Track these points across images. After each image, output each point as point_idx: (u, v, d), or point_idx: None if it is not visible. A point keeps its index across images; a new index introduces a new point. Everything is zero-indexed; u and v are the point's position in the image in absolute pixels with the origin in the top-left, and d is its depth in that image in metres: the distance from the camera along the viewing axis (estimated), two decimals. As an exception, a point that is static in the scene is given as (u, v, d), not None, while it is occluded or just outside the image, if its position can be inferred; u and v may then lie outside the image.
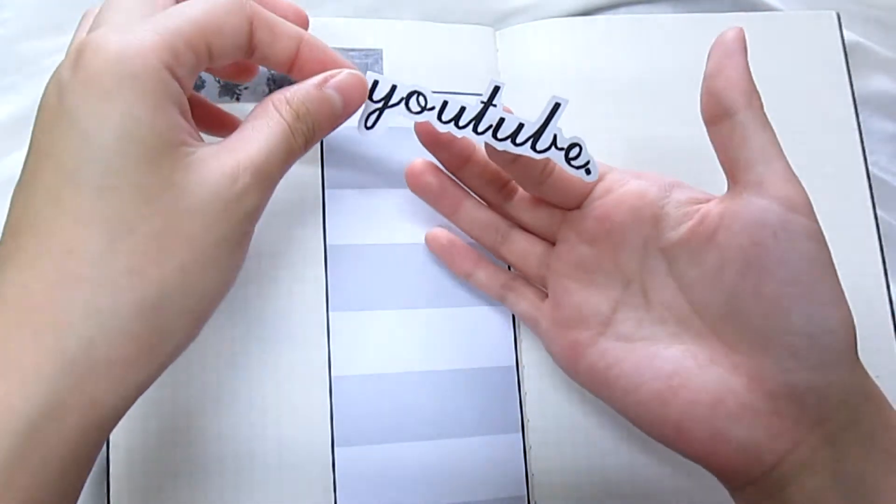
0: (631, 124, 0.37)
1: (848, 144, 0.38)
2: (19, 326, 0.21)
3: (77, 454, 0.21)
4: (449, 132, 0.29)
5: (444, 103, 0.29)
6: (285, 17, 0.27)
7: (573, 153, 0.29)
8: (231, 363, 0.32)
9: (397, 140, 0.35)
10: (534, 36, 0.38)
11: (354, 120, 0.29)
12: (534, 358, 0.35)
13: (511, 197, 0.33)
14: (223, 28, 0.24)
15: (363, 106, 0.29)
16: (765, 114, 0.27)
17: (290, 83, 0.27)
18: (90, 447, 0.22)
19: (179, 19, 0.23)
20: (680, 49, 0.39)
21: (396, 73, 0.37)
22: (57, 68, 0.23)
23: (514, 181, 0.32)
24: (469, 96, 0.37)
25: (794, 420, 0.26)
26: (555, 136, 0.29)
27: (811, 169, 0.38)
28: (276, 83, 0.36)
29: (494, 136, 0.29)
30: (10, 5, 0.37)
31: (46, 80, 0.23)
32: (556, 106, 0.28)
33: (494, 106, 0.29)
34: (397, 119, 0.29)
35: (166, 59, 0.23)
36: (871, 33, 0.43)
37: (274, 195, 0.34)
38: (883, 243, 0.37)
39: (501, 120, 0.28)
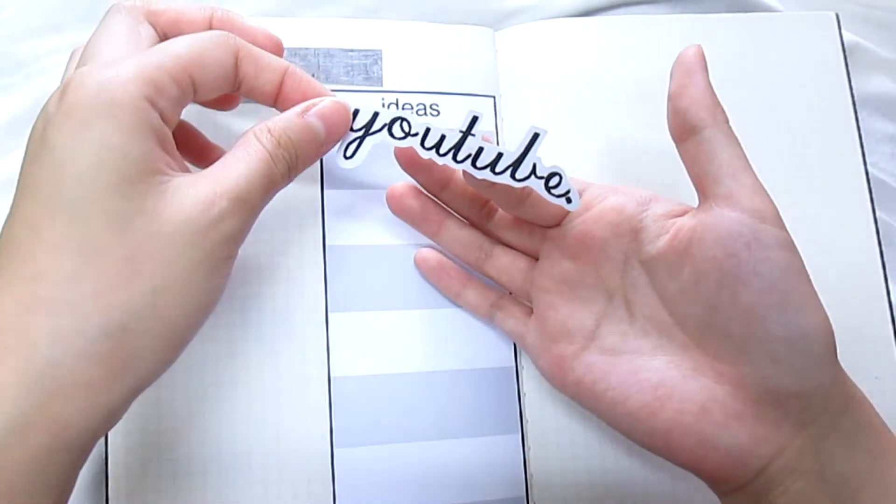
0: (630, 125, 0.37)
1: (847, 145, 0.38)
2: None
3: (45, 473, 0.22)
4: (430, 158, 0.29)
5: (427, 130, 0.29)
6: (262, 47, 0.28)
7: (553, 182, 0.29)
8: (230, 364, 0.32)
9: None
10: (533, 37, 0.38)
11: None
12: (533, 358, 0.35)
13: (492, 216, 0.33)
14: (207, 62, 0.25)
15: None
16: (730, 128, 0.27)
17: None
18: (59, 466, 0.22)
19: (163, 54, 0.24)
20: (679, 50, 0.38)
21: (396, 74, 0.37)
22: (46, 103, 0.24)
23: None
24: (466, 97, 0.37)
25: (777, 425, 0.27)
26: (534, 166, 0.29)
27: (811, 169, 0.38)
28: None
29: (474, 164, 0.29)
30: (9, 5, 0.37)
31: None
32: (535, 136, 0.28)
33: (473, 135, 0.29)
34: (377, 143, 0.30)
35: (146, 91, 0.23)
36: (871, 33, 0.43)
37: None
38: (882, 243, 0.37)
39: (481, 149, 0.29)
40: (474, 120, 0.29)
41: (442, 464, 0.33)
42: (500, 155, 0.29)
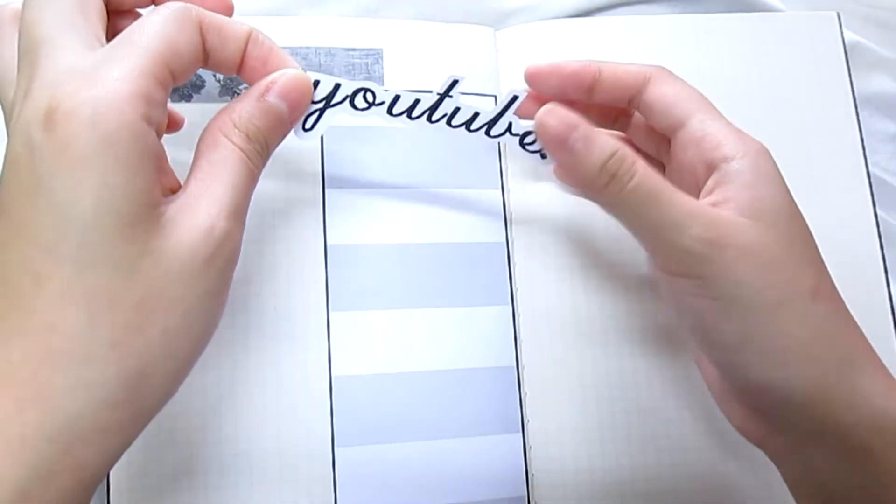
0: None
1: (849, 144, 0.38)
2: (2, 400, 0.21)
3: None
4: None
5: (396, 97, 0.29)
6: (213, 9, 0.26)
7: (528, 139, 0.30)
8: (231, 363, 0.32)
9: (397, 140, 0.36)
10: (534, 36, 0.38)
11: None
12: (534, 358, 0.35)
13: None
14: (181, 49, 0.24)
15: None
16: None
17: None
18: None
19: (141, 55, 0.23)
20: (679, 50, 0.39)
21: (397, 73, 0.37)
22: (24, 123, 0.22)
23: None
24: (467, 96, 0.37)
25: (758, 417, 0.27)
26: (510, 124, 0.30)
27: (812, 168, 0.38)
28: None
29: (449, 123, 0.30)
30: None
31: None
32: (514, 98, 0.30)
33: (451, 97, 0.29)
34: (338, 118, 0.29)
35: (142, 110, 0.22)
36: (871, 33, 0.43)
37: (274, 195, 0.34)
38: (883, 243, 0.37)
39: (457, 109, 0.30)
40: (454, 83, 0.29)
41: (443, 463, 0.33)
42: (476, 114, 0.30)
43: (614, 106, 0.33)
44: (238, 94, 0.35)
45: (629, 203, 0.27)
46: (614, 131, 0.34)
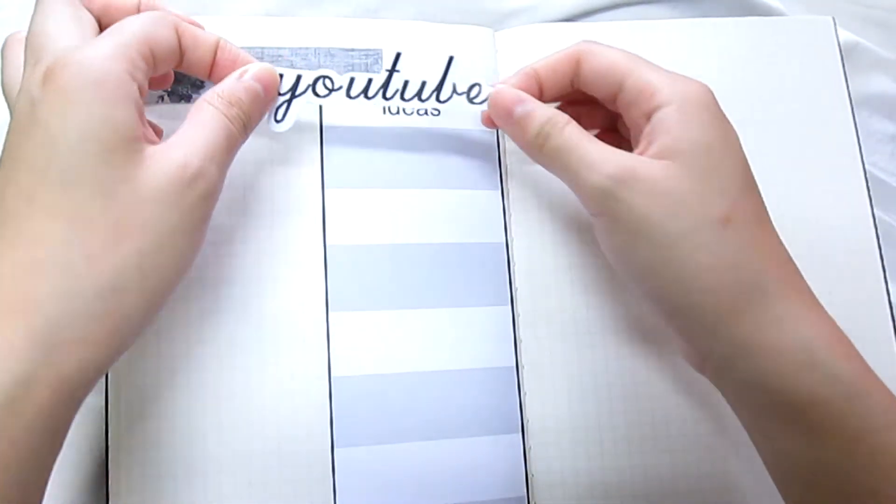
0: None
1: (846, 146, 0.39)
2: None
3: (48, 426, 0.23)
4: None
5: (352, 80, 0.32)
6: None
7: (474, 93, 0.33)
8: (230, 364, 0.32)
9: (397, 140, 0.36)
10: (533, 38, 0.38)
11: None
12: (533, 359, 0.35)
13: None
14: (160, 38, 0.28)
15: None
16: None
17: None
18: (58, 421, 0.24)
19: (126, 34, 0.27)
20: (677, 54, 0.39)
21: (396, 73, 0.37)
22: (26, 88, 0.25)
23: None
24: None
25: (689, 345, 0.29)
26: (454, 85, 0.33)
27: (810, 171, 0.38)
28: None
29: (402, 97, 0.33)
30: (10, 4, 0.37)
31: None
32: (451, 59, 0.33)
33: (398, 71, 0.32)
34: (306, 107, 0.32)
35: (126, 66, 0.26)
36: (871, 33, 0.43)
37: (274, 195, 0.34)
38: (881, 244, 0.37)
39: (406, 82, 0.33)
40: (398, 56, 0.33)
41: (442, 464, 0.33)
42: (423, 83, 0.33)
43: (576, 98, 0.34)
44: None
45: (558, 156, 0.30)
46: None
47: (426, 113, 0.36)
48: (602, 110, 0.34)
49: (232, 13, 0.37)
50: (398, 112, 0.36)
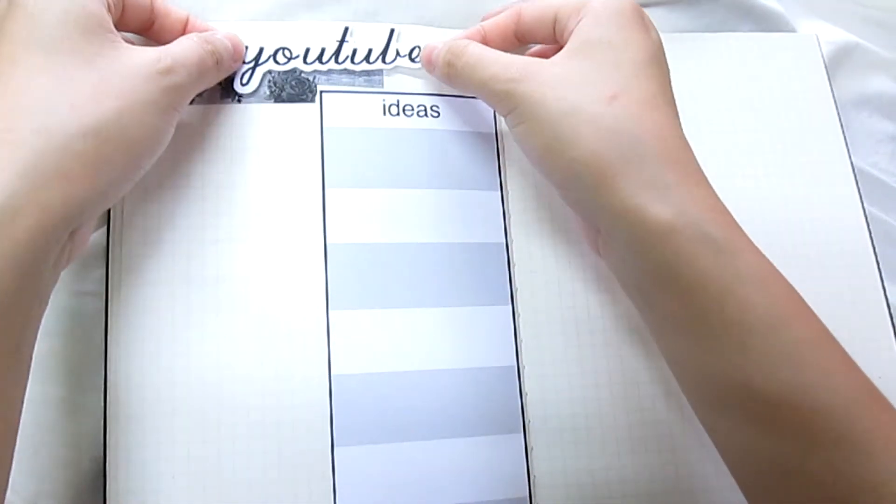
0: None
1: (836, 158, 0.39)
2: None
3: (29, 255, 0.25)
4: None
5: (307, 49, 0.37)
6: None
7: (414, 53, 0.38)
8: (230, 362, 0.32)
9: (398, 138, 0.36)
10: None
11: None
12: (534, 358, 0.35)
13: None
14: None
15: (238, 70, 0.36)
16: None
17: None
18: (41, 252, 0.26)
19: None
20: (675, 65, 0.40)
21: (397, 76, 0.37)
22: None
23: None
24: (465, 99, 0.37)
25: (587, 226, 0.33)
26: (397, 51, 0.37)
27: (802, 185, 0.38)
28: (275, 84, 0.36)
29: (352, 61, 0.37)
30: None
31: None
32: (392, 31, 0.38)
33: (347, 42, 0.37)
34: (267, 74, 0.36)
35: None
36: (871, 33, 0.43)
37: (274, 194, 0.35)
38: (883, 244, 0.37)
39: (355, 50, 0.37)
40: (346, 30, 0.37)
41: (443, 463, 0.33)
42: (370, 50, 0.37)
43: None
44: (239, 97, 0.36)
45: (469, 76, 0.33)
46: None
47: (426, 114, 0.37)
48: None
49: (230, 16, 0.38)
50: (398, 114, 0.36)
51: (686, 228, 0.27)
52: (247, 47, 0.36)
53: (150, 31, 0.34)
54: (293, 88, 0.36)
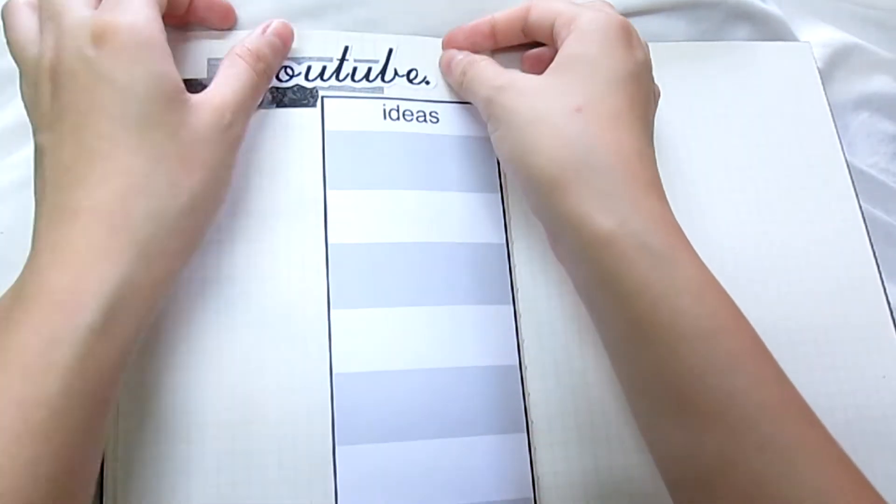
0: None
1: (832, 168, 0.40)
2: (98, 227, 0.27)
3: (142, 329, 0.28)
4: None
5: (309, 67, 0.37)
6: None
7: (413, 75, 0.38)
8: (232, 361, 0.32)
9: (398, 142, 0.36)
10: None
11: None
12: (536, 358, 0.35)
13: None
14: None
15: None
16: None
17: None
18: (145, 324, 0.28)
19: None
20: (666, 75, 0.40)
21: (395, 85, 0.38)
22: (72, 48, 0.29)
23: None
24: (464, 105, 0.38)
25: (541, 222, 0.33)
26: (395, 70, 0.38)
27: (801, 196, 0.38)
28: (278, 90, 0.37)
29: (353, 79, 0.38)
30: None
31: None
32: (390, 50, 0.38)
33: (347, 60, 0.38)
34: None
35: (160, 26, 0.30)
36: (871, 33, 0.43)
37: (277, 195, 0.35)
38: (883, 245, 0.37)
39: (355, 68, 0.38)
40: (346, 49, 0.38)
41: (446, 463, 0.32)
42: (370, 68, 0.38)
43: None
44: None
45: (469, 85, 0.35)
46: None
47: (425, 119, 0.37)
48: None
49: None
50: (398, 118, 0.37)
51: (627, 238, 0.28)
52: None
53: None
54: (295, 94, 0.37)
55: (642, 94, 0.32)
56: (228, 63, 0.33)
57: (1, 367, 0.24)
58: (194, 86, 0.36)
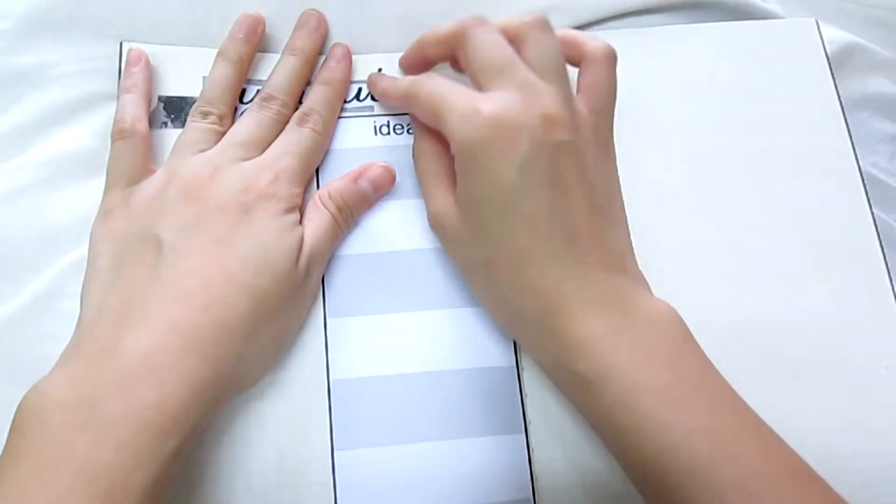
0: (623, 134, 0.37)
1: (838, 144, 0.39)
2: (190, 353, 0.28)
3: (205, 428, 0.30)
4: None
5: (303, 92, 0.37)
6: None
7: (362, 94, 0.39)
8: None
9: (388, 156, 0.37)
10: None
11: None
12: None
13: None
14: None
15: None
16: None
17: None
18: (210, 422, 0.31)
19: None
20: (668, 59, 0.40)
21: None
22: (228, 194, 0.32)
23: None
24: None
25: None
26: (360, 90, 0.38)
27: (803, 171, 0.38)
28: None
29: (344, 101, 0.38)
30: (8, 15, 0.38)
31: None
32: (379, 70, 0.38)
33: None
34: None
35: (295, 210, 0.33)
36: (871, 33, 0.43)
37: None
38: (883, 244, 0.37)
39: (360, 90, 0.38)
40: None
41: (445, 465, 0.33)
42: (360, 89, 0.38)
43: None
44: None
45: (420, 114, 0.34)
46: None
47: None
48: None
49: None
50: (389, 133, 0.38)
51: (562, 373, 0.30)
52: (244, 90, 0.37)
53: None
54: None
55: (558, 185, 0.30)
56: (312, 206, 0.34)
57: (86, 483, 0.25)
58: (188, 102, 0.36)
